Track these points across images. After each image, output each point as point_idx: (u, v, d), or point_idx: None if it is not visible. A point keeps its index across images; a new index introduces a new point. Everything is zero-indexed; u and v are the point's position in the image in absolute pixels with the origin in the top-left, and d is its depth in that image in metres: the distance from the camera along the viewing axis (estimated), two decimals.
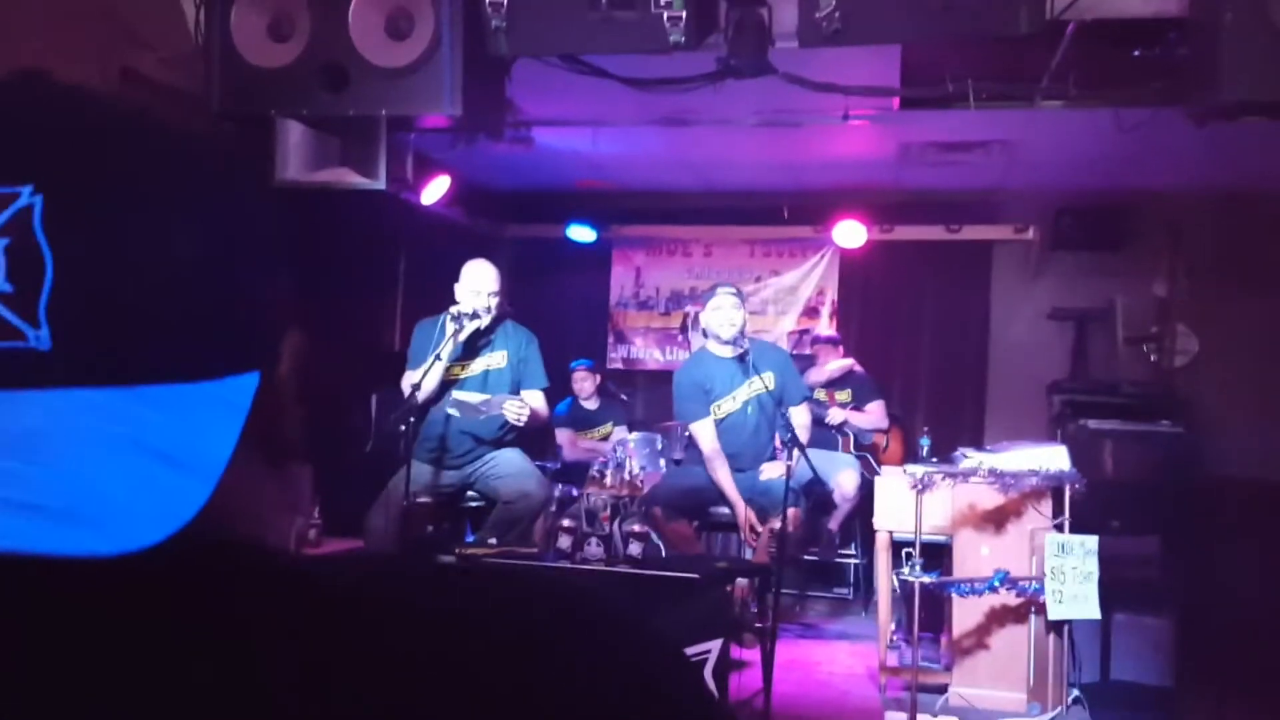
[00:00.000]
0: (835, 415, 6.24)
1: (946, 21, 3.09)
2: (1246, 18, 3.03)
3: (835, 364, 6.32)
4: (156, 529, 0.44)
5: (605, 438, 6.52)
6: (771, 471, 4.72)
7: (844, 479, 5.43)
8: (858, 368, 6.43)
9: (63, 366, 0.45)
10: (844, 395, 6.36)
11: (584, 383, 6.60)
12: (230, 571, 0.48)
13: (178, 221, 0.49)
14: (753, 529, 4.71)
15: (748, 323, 4.87)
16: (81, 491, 0.44)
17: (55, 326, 0.45)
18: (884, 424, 6.39)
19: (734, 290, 4.80)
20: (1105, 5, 3.36)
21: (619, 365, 7.75)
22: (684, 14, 3.21)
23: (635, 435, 6.09)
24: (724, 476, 4.72)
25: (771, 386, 4.66)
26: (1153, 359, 6.72)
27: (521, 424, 4.43)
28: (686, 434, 5.01)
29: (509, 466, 4.54)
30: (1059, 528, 3.94)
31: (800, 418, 4.83)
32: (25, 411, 0.45)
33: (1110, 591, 3.93)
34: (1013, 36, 3.10)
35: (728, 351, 4.77)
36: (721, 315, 4.73)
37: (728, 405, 4.80)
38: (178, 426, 0.47)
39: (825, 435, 6.00)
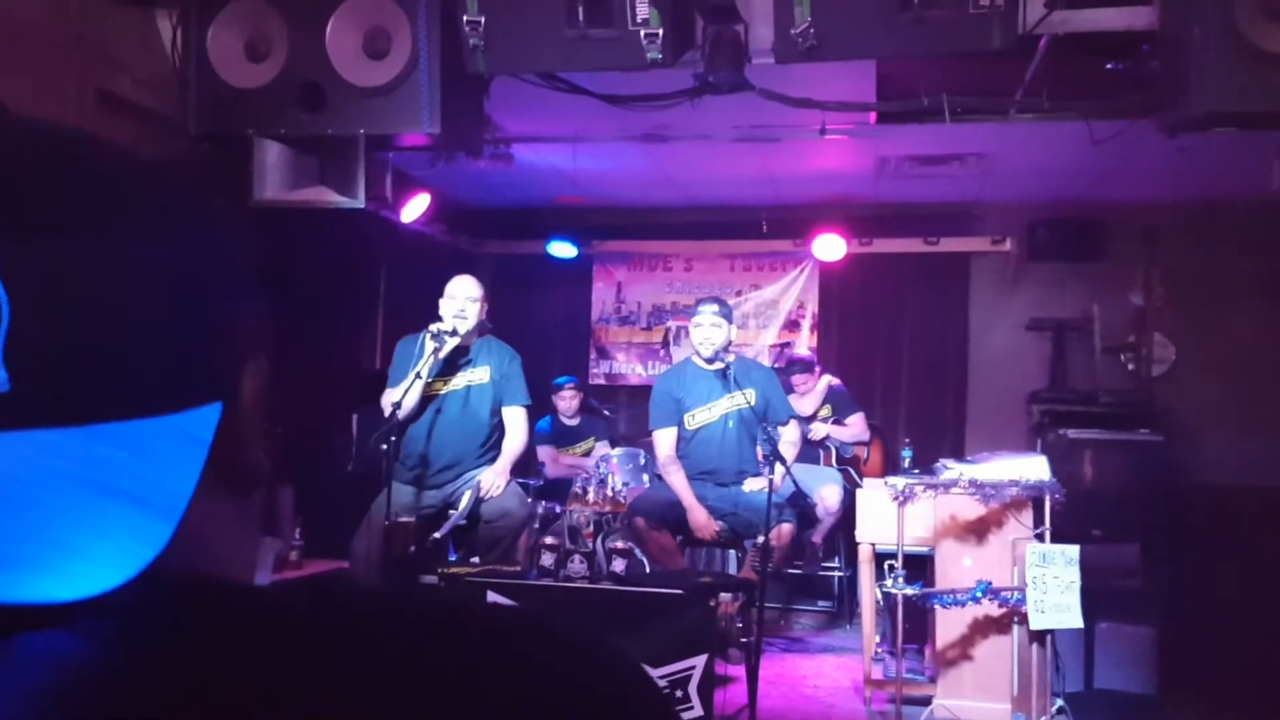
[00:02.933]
0: (818, 431, 6.26)
1: (920, 38, 3.12)
2: (1215, 31, 3.07)
3: (820, 386, 6.33)
4: (119, 570, 0.44)
5: (587, 453, 6.51)
6: (754, 486, 4.72)
7: (827, 493, 5.44)
8: (834, 381, 6.45)
9: (22, 408, 0.45)
10: (824, 410, 6.37)
11: (571, 400, 6.59)
12: (191, 608, 0.47)
13: (133, 256, 0.48)
14: (717, 535, 4.72)
15: (733, 336, 4.85)
16: (43, 537, 0.43)
17: (13, 368, 0.44)
18: (865, 436, 6.42)
19: (716, 306, 4.75)
20: (1077, 19, 3.41)
21: (601, 381, 7.75)
22: (661, 31, 3.23)
23: (618, 451, 6.09)
24: (678, 482, 4.71)
25: (753, 403, 4.66)
26: (1130, 368, 6.78)
27: (497, 492, 4.42)
28: None
29: None
30: (1040, 537, 3.96)
31: (790, 435, 4.83)
32: None
33: (1093, 600, 3.95)
34: (986, 52, 3.13)
35: (710, 365, 4.77)
36: (700, 333, 4.73)
37: (703, 416, 4.79)
38: (140, 463, 0.46)
39: (807, 450, 6.01)
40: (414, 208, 5.97)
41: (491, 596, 3.69)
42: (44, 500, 0.44)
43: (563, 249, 7.39)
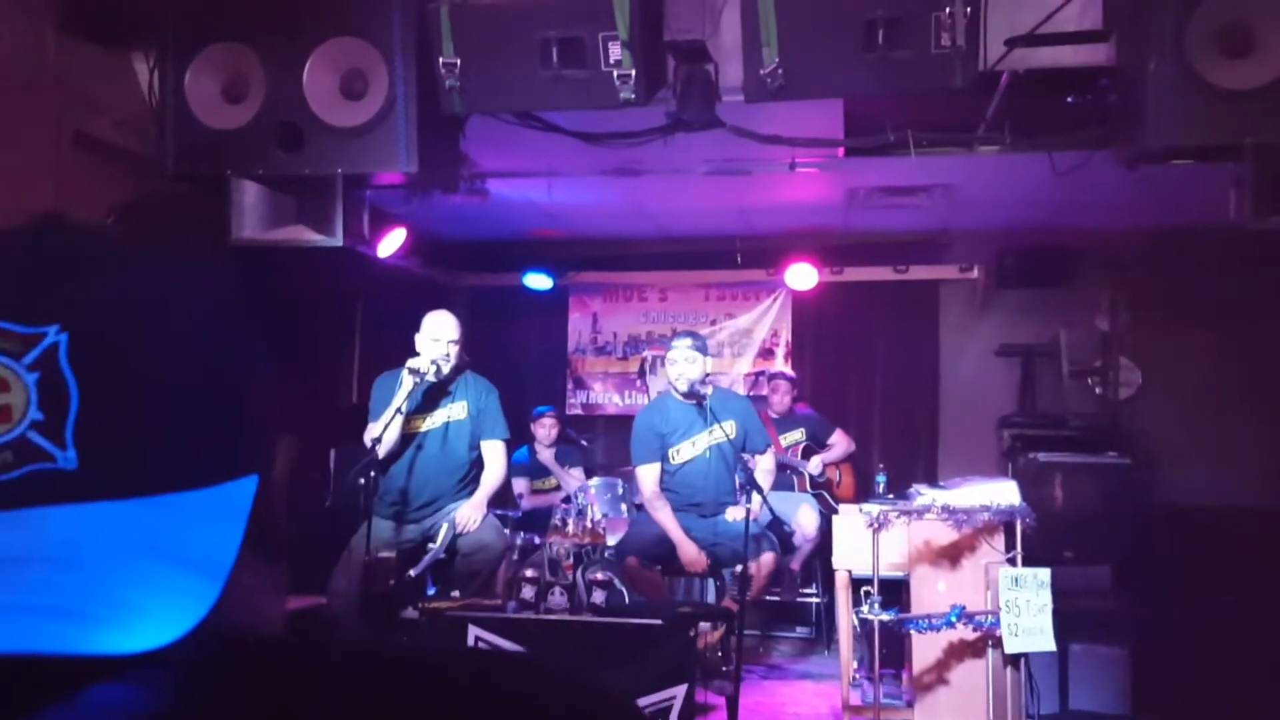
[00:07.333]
0: (814, 465, 6.34)
1: (885, 77, 3.21)
2: (1170, 67, 3.17)
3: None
4: (176, 627, 0.49)
5: (557, 488, 6.52)
6: (734, 515, 4.76)
7: (804, 519, 5.48)
8: (802, 409, 6.55)
9: (87, 483, 0.51)
10: (796, 435, 6.45)
11: (551, 429, 6.62)
12: (236, 661, 0.52)
13: (182, 348, 0.55)
14: (710, 568, 4.76)
15: (709, 368, 4.89)
16: (109, 597, 0.49)
17: (80, 448, 0.51)
18: (852, 447, 6.54)
19: (690, 340, 4.81)
20: (1036, 56, 3.50)
21: (578, 411, 7.79)
22: (633, 72, 3.30)
23: (596, 481, 6.11)
24: (665, 517, 4.74)
25: (733, 435, 4.71)
26: (1098, 391, 6.89)
27: (473, 526, 4.44)
28: None
29: None
30: (1012, 561, 4.02)
31: (765, 464, 4.88)
32: (57, 526, 0.50)
33: (1065, 622, 4.00)
34: (948, 90, 3.22)
35: (688, 399, 4.82)
36: (676, 369, 4.78)
37: (687, 450, 4.83)
38: (189, 531, 0.52)
39: (781, 476, 6.07)
40: (390, 243, 6.00)
41: (472, 631, 3.71)
42: (108, 564, 0.50)
43: (539, 281, 7.45)
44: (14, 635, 0.46)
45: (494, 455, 4.62)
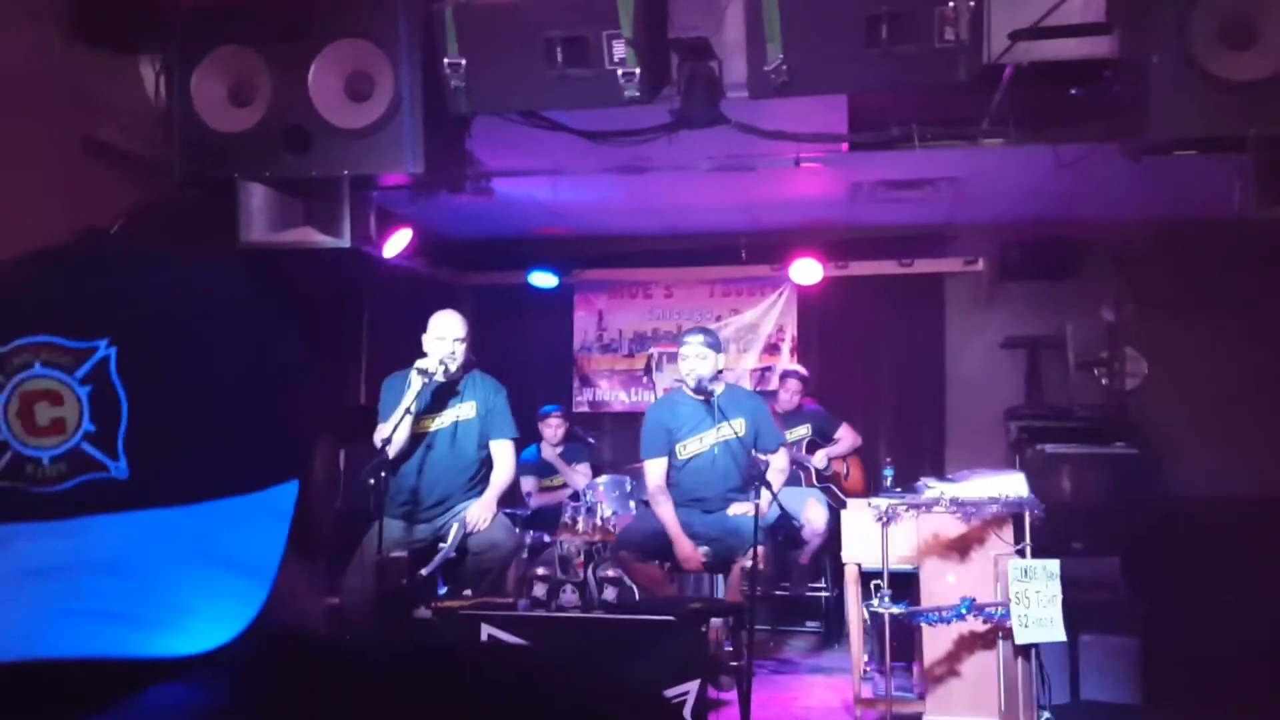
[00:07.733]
0: (820, 459, 6.36)
1: (889, 72, 3.22)
2: (1173, 59, 3.18)
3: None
4: (227, 629, 0.51)
5: (565, 485, 6.53)
6: (738, 509, 4.77)
7: (813, 514, 5.49)
8: (808, 404, 6.57)
9: (138, 491, 0.53)
10: (801, 430, 6.46)
11: (557, 429, 6.63)
12: (280, 658, 0.54)
13: (224, 357, 0.57)
14: (704, 563, 4.78)
15: (720, 365, 4.88)
16: (162, 601, 0.51)
17: (131, 457, 0.53)
18: (859, 441, 6.55)
19: (702, 336, 4.80)
20: (1040, 49, 3.51)
21: (585, 409, 7.80)
22: (637, 70, 3.31)
23: (604, 478, 6.12)
24: (666, 512, 4.76)
25: (742, 433, 4.72)
26: (1104, 382, 6.89)
27: (484, 525, 4.47)
28: None
29: None
30: (1021, 553, 4.03)
31: (778, 463, 4.89)
32: (110, 533, 0.52)
33: (1075, 613, 4.01)
34: (952, 84, 3.23)
35: (697, 395, 4.83)
36: (687, 365, 4.78)
37: (694, 446, 4.85)
38: (237, 535, 0.54)
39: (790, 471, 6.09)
40: (396, 243, 6.02)
41: (485, 629, 3.73)
42: (161, 570, 0.52)
43: (544, 279, 7.46)
44: (73, 640, 0.48)
45: (503, 454, 4.64)
